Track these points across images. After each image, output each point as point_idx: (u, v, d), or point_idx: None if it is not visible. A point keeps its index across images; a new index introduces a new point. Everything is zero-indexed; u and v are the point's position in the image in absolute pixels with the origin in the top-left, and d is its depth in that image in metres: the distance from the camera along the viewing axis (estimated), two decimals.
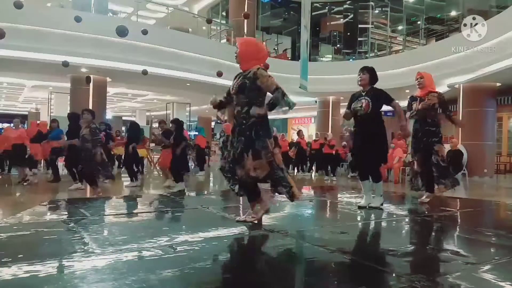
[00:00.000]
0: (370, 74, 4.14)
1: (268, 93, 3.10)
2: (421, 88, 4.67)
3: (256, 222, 3.19)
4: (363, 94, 4.11)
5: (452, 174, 4.76)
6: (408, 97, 4.90)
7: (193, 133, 18.91)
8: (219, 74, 10.66)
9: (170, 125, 7.63)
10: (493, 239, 3.03)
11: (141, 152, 10.68)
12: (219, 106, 3.39)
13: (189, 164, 9.83)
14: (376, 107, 4.05)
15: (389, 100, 4.04)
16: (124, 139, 9.65)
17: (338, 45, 20.68)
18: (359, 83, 4.18)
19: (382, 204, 4.18)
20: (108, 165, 6.28)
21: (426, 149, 4.57)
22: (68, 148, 7.17)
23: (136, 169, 9.04)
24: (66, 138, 7.35)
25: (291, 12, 20.33)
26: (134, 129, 8.75)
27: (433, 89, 4.65)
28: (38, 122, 11.32)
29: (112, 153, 10.73)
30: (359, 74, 4.17)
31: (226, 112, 3.42)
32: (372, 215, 4.04)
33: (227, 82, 6.82)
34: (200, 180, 10.10)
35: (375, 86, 4.16)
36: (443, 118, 4.66)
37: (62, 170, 8.24)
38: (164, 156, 7.94)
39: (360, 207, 4.17)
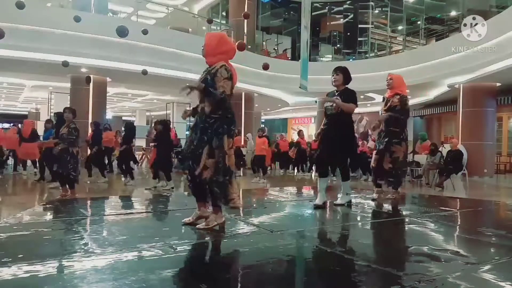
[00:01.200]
0: (343, 74, 4.21)
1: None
2: (389, 89, 4.82)
3: (213, 228, 2.97)
4: (336, 94, 4.21)
5: (395, 179, 4.70)
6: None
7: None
8: None
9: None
10: (493, 239, 3.03)
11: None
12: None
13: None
14: None
15: (353, 102, 4.10)
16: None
17: (338, 45, 20.68)
18: (333, 83, 4.25)
19: (350, 202, 4.24)
20: (76, 168, 6.11)
21: (385, 149, 4.66)
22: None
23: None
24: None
25: (291, 12, 20.34)
26: (129, 130, 8.77)
27: (401, 91, 4.73)
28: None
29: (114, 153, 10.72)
30: (333, 75, 4.24)
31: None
32: (372, 215, 4.05)
33: None
34: None
35: (348, 86, 4.23)
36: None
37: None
38: (153, 155, 8.06)
39: (317, 207, 4.03)
